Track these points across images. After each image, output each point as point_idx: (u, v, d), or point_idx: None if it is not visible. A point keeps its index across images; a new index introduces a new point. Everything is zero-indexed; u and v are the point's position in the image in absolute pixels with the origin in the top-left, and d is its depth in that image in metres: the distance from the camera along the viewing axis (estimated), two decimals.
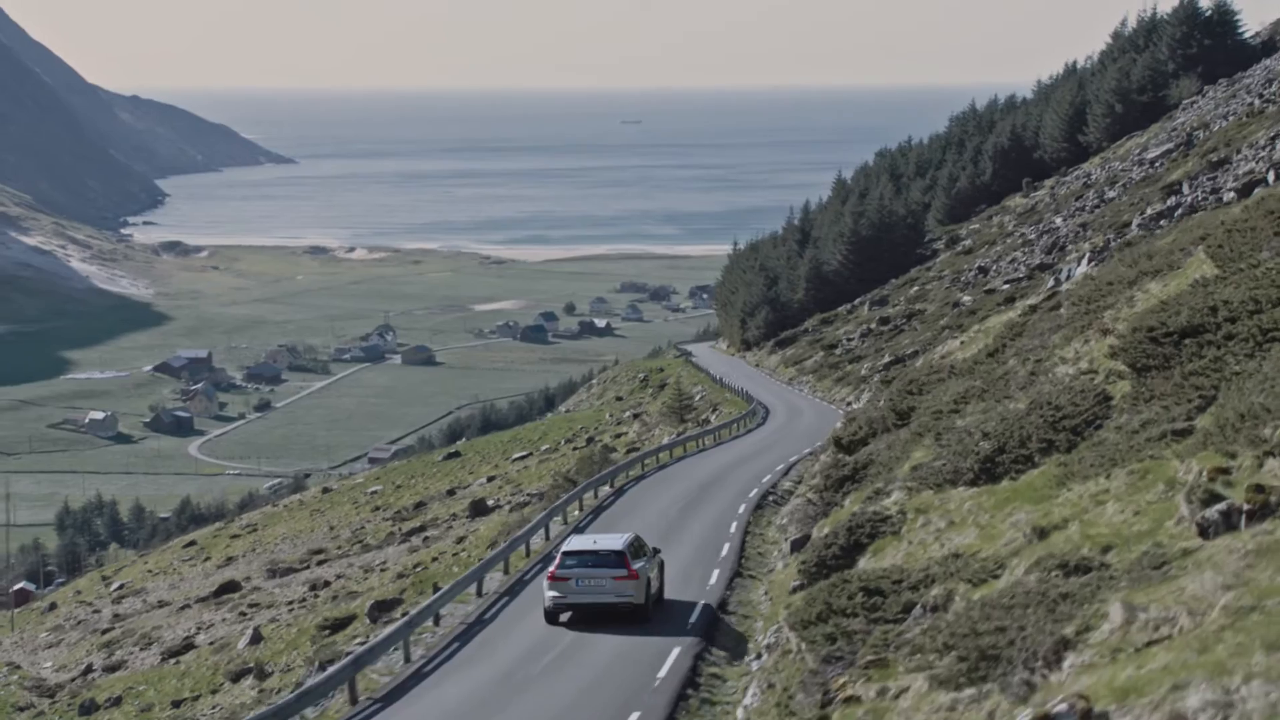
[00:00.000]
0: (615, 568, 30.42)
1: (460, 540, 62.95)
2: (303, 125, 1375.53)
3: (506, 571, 40.91)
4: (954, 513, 20.44)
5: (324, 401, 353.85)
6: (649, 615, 30.77)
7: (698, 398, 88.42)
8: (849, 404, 71.45)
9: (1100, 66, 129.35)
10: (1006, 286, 70.31)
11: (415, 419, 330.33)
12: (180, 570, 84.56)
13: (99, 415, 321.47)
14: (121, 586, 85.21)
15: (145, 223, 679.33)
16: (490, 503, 73.23)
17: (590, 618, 30.92)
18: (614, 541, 31.39)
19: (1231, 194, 42.64)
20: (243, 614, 66.38)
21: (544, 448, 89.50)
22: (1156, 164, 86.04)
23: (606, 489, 54.77)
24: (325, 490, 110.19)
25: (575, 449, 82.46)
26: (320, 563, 73.66)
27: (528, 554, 43.51)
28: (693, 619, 30.37)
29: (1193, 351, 18.88)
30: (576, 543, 32.38)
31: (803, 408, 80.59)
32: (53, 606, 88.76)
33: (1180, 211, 50.17)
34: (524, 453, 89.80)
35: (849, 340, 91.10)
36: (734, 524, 43.27)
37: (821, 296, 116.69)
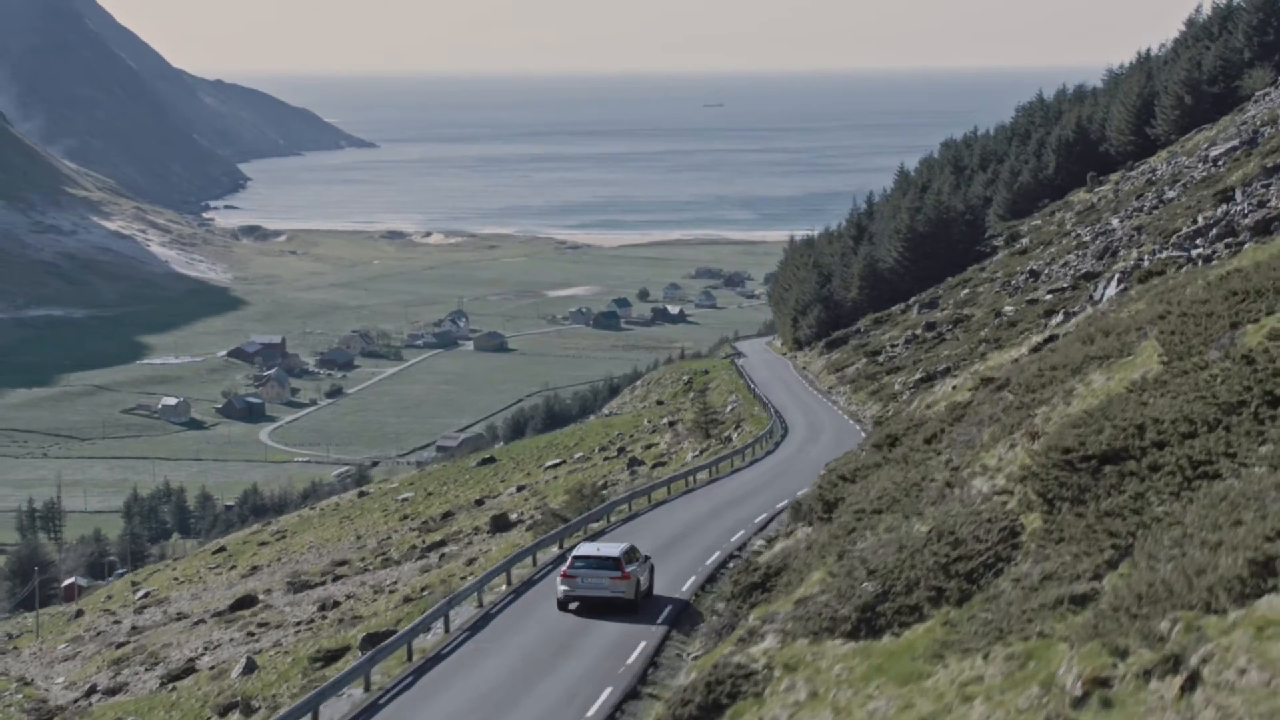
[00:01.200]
0: (613, 570, 37.26)
1: (471, 563, 60.52)
2: (386, 109, 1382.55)
3: (367, 689, 33.89)
4: (820, 678, 17.36)
5: (395, 388, 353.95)
6: (638, 608, 37.37)
7: (729, 409, 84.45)
8: (877, 422, 67.05)
9: (1173, 55, 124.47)
10: (1049, 297, 66.25)
11: (485, 406, 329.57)
12: (205, 579, 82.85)
13: (171, 401, 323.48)
14: (146, 595, 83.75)
15: (226, 206, 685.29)
16: (513, 517, 70.74)
17: (592, 607, 37.37)
18: (613, 549, 38.50)
19: (1246, 234, 38.86)
20: (250, 634, 64.45)
21: (577, 455, 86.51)
22: (1219, 162, 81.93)
23: (555, 550, 48.40)
24: (361, 494, 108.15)
25: (606, 459, 79.58)
26: (338, 578, 71.53)
27: (409, 657, 36.35)
28: None
29: (1112, 483, 15.68)
30: (584, 549, 39.31)
31: (825, 427, 75.43)
32: (79, 614, 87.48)
33: (1215, 231, 46.42)
34: (557, 460, 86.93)
35: (893, 347, 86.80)
36: (668, 608, 38.16)
37: (876, 295, 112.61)
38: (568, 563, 38.60)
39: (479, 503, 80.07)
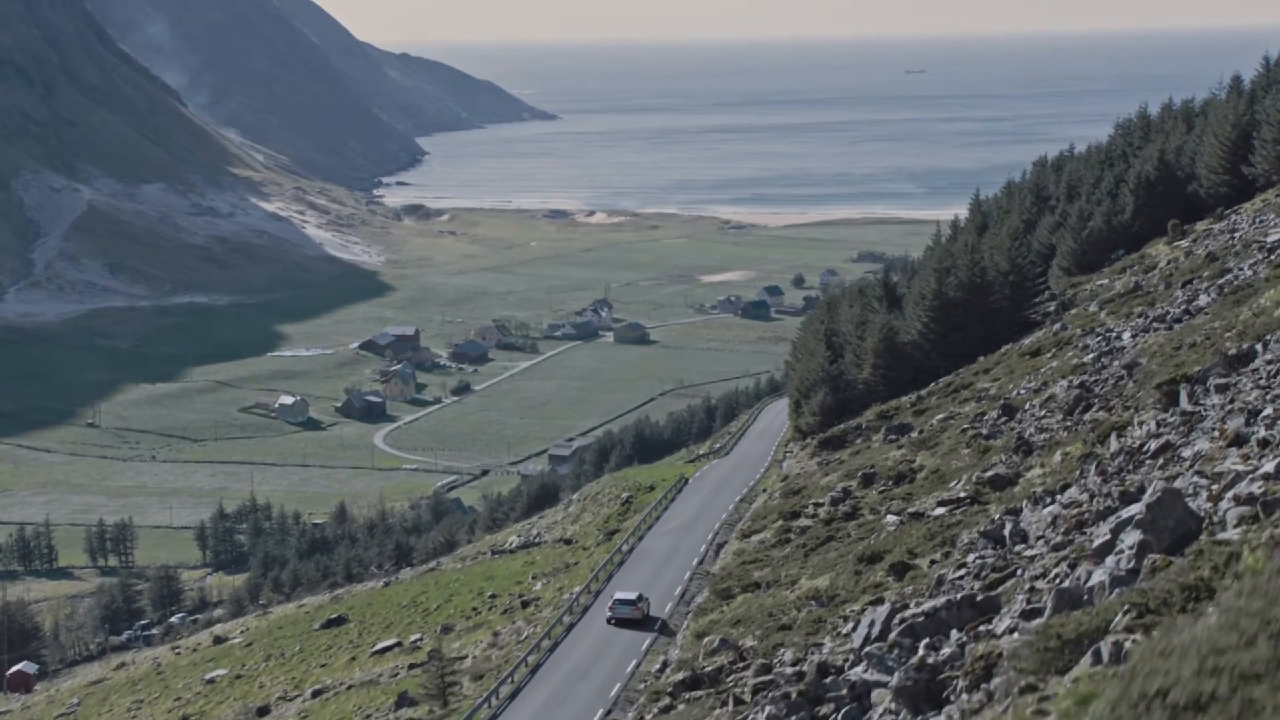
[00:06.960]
0: (632, 604, 58.56)
1: None
2: (572, 79, 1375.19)
3: None
4: None
5: (524, 385, 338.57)
6: (645, 622, 57.98)
7: (515, 638, 58.21)
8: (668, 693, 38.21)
9: None
10: (941, 511, 41.78)
11: (613, 407, 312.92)
12: None
13: (289, 400, 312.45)
14: None
15: (398, 183, 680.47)
16: None
17: (623, 623, 57.69)
18: (631, 594, 59.35)
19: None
20: None
21: (413, 637, 64.68)
22: (1275, 252, 59.01)
23: None
24: (218, 640, 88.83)
25: (413, 665, 58.34)
26: None
27: None
28: None
29: None
30: (618, 594, 59.67)
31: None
32: None
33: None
34: (393, 641, 65.18)
35: (818, 506, 60.34)
36: None
37: (894, 377, 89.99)
38: (611, 602, 58.53)
39: (263, 712, 60.62)
